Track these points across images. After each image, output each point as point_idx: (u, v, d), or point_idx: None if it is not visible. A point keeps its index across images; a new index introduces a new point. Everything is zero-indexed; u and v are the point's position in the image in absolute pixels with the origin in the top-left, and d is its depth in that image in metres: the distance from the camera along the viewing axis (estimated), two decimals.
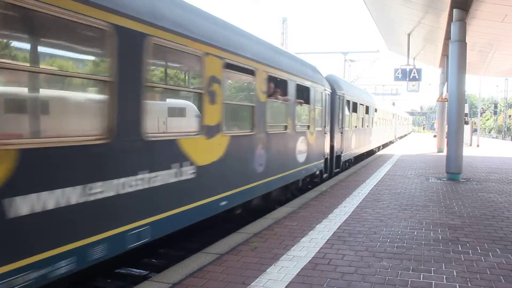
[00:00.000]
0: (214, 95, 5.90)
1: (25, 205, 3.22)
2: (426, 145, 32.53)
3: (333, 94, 13.51)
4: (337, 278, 4.48)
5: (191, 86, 7.36)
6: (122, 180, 4.13)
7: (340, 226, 6.69)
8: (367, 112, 20.47)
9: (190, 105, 7.35)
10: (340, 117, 14.40)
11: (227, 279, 4.44)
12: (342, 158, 14.74)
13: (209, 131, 5.82)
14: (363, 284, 4.32)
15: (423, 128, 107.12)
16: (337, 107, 13.96)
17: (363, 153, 20.26)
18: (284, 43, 36.76)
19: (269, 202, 8.83)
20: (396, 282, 4.38)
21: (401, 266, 4.87)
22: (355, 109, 17.12)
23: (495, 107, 71.00)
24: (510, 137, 62.97)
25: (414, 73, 21.87)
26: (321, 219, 7.12)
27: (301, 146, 9.92)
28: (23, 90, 4.04)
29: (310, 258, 5.11)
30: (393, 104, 54.16)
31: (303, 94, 10.29)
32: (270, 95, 8.17)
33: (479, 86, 71.53)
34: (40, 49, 4.18)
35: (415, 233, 6.29)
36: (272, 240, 5.87)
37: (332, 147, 13.44)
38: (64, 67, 4.44)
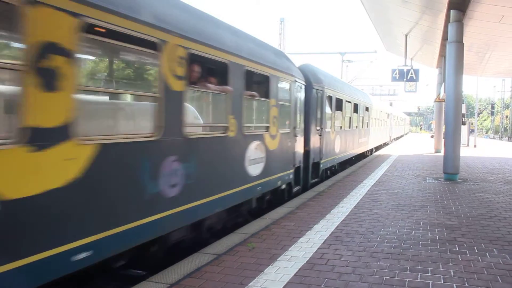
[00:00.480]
0: (55, 75, 3.53)
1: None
2: (424, 145, 32.59)
3: (308, 87, 11.08)
4: (335, 278, 4.49)
5: None
6: None
7: (337, 226, 6.70)
8: (356, 111, 18.06)
9: None
10: (319, 116, 12.03)
11: (225, 279, 4.44)
12: (321, 165, 12.24)
13: (40, 137, 3.42)
14: (360, 284, 4.33)
15: (420, 128, 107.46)
16: (315, 103, 11.60)
17: (351, 157, 17.99)
18: (282, 44, 36.77)
19: (203, 231, 6.39)
20: (393, 282, 4.38)
21: (398, 266, 4.88)
22: (339, 107, 14.78)
23: (492, 107, 71.20)
24: (507, 138, 63.15)
25: (411, 73, 21.91)
26: (318, 219, 7.12)
27: (254, 153, 7.36)
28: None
29: (308, 258, 5.11)
30: (391, 104, 54.22)
31: (259, 85, 8.04)
32: (193, 82, 5.85)
33: (476, 86, 71.69)
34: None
35: (413, 233, 6.30)
36: (270, 241, 5.87)
37: (307, 152, 11.04)
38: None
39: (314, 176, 11.72)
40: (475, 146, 32.24)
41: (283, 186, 9.21)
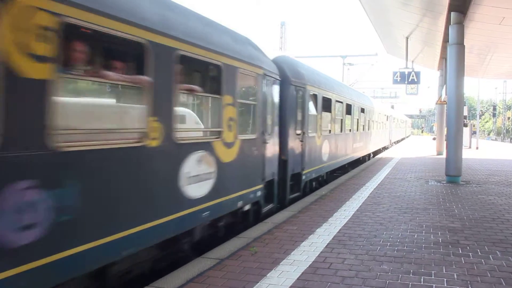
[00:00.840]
0: None
1: None
2: (426, 148, 32.54)
3: (285, 84, 9.11)
4: (338, 282, 4.48)
5: None
6: None
7: (340, 229, 6.69)
8: (349, 112, 16.14)
9: None
10: (299, 117, 10.03)
11: (228, 284, 4.44)
12: (303, 177, 10.30)
13: None
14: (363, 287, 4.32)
15: (422, 131, 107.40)
16: (293, 103, 9.62)
17: (344, 165, 15.91)
18: (282, 47, 36.85)
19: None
20: (396, 285, 4.37)
21: (401, 269, 4.86)
22: (328, 108, 12.75)
23: (494, 109, 71.20)
24: (509, 139, 63.03)
25: (412, 76, 21.92)
26: (321, 223, 7.11)
27: (196, 168, 5.54)
28: None
29: (311, 262, 5.10)
30: (392, 107, 54.19)
31: (206, 77, 6.62)
32: (73, 66, 4.04)
33: (477, 88, 71.72)
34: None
35: (415, 236, 6.28)
36: (272, 245, 5.87)
37: (284, 162, 9.08)
38: None
39: (295, 190, 9.87)
40: (477, 148, 32.18)
41: (247, 207, 7.33)
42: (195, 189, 5.55)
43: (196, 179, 5.57)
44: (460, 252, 5.54)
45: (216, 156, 6.10)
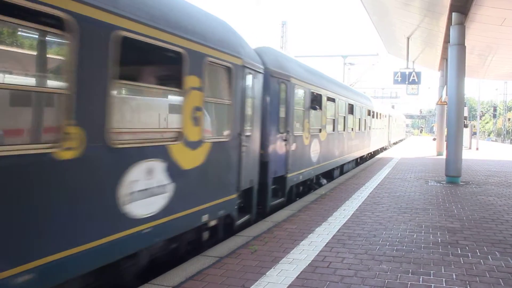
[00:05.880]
0: None
1: None
2: (426, 148, 32.55)
3: (268, 77, 8.18)
4: (337, 281, 4.49)
5: None
6: None
7: (339, 229, 6.70)
8: (343, 111, 15.06)
9: None
10: (283, 115, 8.93)
11: (227, 282, 4.45)
12: (288, 180, 9.21)
13: None
14: (362, 287, 4.33)
15: (420, 131, 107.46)
16: (277, 99, 8.62)
17: (336, 167, 14.56)
18: (283, 47, 36.83)
19: None
20: (395, 285, 4.38)
21: (400, 269, 4.87)
22: (318, 105, 11.75)
23: (495, 110, 71.20)
24: (509, 140, 63.03)
25: (413, 76, 21.92)
26: (320, 222, 7.12)
27: (144, 180, 4.47)
28: None
29: (310, 261, 5.11)
30: (393, 107, 54.16)
31: (161, 64, 5.73)
32: None
33: (478, 89, 71.73)
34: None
35: (415, 236, 6.29)
36: (272, 243, 5.88)
37: (265, 164, 8.07)
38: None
39: (279, 195, 8.92)
40: (477, 148, 32.17)
41: (213, 222, 6.06)
42: (142, 206, 4.43)
43: (144, 194, 4.45)
44: (459, 252, 5.55)
45: (175, 162, 4.92)
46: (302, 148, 10.24)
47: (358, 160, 19.34)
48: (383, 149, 29.16)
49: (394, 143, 39.58)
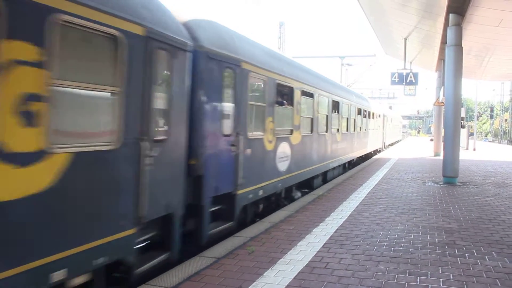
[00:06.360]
0: None
1: None
2: (423, 149, 32.62)
3: (202, 57, 5.99)
4: (334, 281, 4.49)
5: None
6: None
7: (337, 229, 6.70)
8: (327, 108, 12.78)
9: None
10: (228, 110, 6.67)
11: (224, 283, 4.44)
12: (239, 198, 6.92)
13: None
14: (360, 287, 4.33)
15: (418, 132, 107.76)
16: (218, 87, 6.37)
17: (316, 175, 11.95)
18: (281, 47, 36.87)
19: None
20: (393, 285, 4.39)
21: (398, 269, 4.88)
22: (288, 99, 9.39)
23: (492, 111, 71.41)
24: (506, 141, 63.23)
25: (410, 77, 21.99)
26: (318, 223, 7.12)
27: None
28: None
29: (307, 262, 5.11)
30: (390, 107, 54.24)
31: None
32: None
33: (475, 90, 72.12)
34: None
35: (412, 237, 6.30)
36: (269, 244, 5.87)
37: (199, 179, 5.94)
38: None
39: (225, 217, 6.70)
40: (474, 149, 32.27)
41: (82, 279, 3.97)
42: None
43: None
44: (456, 252, 5.56)
45: None
46: (262, 155, 7.89)
47: (347, 165, 17.06)
48: (376, 151, 27.03)
49: (390, 145, 37.65)
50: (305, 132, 10.60)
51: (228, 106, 6.67)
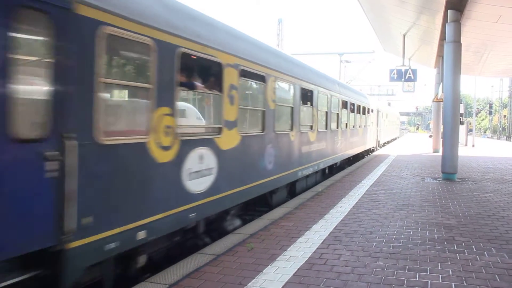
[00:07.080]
0: None
1: None
2: (422, 145, 32.64)
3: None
4: (334, 278, 4.50)
5: None
6: None
7: (336, 226, 6.71)
8: (307, 101, 10.98)
9: None
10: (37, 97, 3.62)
11: (224, 279, 4.45)
12: (72, 257, 3.67)
13: None
14: (359, 284, 4.33)
15: (417, 128, 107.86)
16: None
17: (275, 189, 8.79)
18: (280, 44, 36.82)
19: None
20: (392, 281, 4.40)
21: (397, 265, 4.89)
22: (209, 79, 6.23)
23: (490, 107, 71.35)
24: (505, 137, 63.30)
25: (409, 73, 21.97)
26: (317, 220, 7.13)
27: None
28: None
29: (307, 258, 5.12)
30: (389, 104, 54.21)
31: None
32: None
33: (474, 86, 72.09)
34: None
35: (411, 233, 6.31)
36: (269, 241, 5.88)
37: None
38: None
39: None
40: (473, 145, 32.28)
41: None
42: None
43: None
44: (456, 248, 5.57)
45: None
46: (145, 170, 4.64)
47: (326, 171, 14.01)
48: (369, 151, 24.19)
49: (386, 143, 34.49)
50: (250, 130, 7.59)
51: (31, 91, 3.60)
